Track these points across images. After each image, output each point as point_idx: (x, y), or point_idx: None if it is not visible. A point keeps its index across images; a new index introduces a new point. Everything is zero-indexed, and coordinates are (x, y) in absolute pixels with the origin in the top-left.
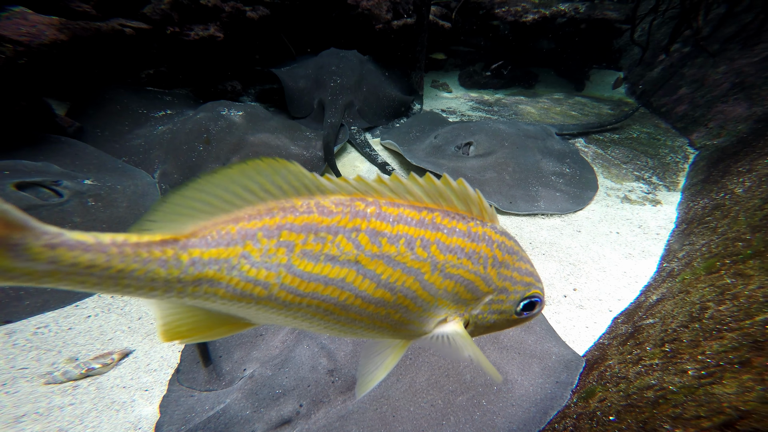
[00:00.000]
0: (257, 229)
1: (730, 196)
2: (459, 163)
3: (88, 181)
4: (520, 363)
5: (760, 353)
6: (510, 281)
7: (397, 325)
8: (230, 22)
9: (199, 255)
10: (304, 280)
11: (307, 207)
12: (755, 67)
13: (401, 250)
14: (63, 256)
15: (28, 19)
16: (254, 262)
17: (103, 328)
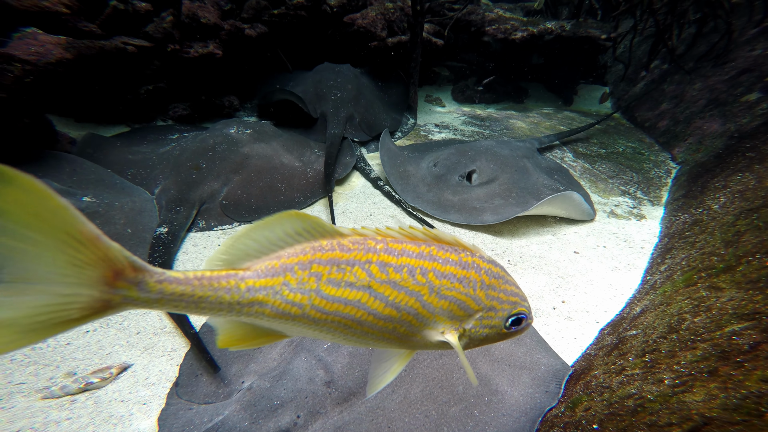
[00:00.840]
0: (294, 263)
1: (707, 212)
2: (465, 195)
3: (86, 198)
4: (510, 374)
5: (726, 363)
6: (497, 300)
7: (403, 337)
8: (229, 39)
9: (252, 284)
10: (329, 302)
11: (330, 246)
12: (726, 84)
13: (404, 276)
14: (166, 288)
15: (38, 39)
16: (292, 288)
17: (102, 342)
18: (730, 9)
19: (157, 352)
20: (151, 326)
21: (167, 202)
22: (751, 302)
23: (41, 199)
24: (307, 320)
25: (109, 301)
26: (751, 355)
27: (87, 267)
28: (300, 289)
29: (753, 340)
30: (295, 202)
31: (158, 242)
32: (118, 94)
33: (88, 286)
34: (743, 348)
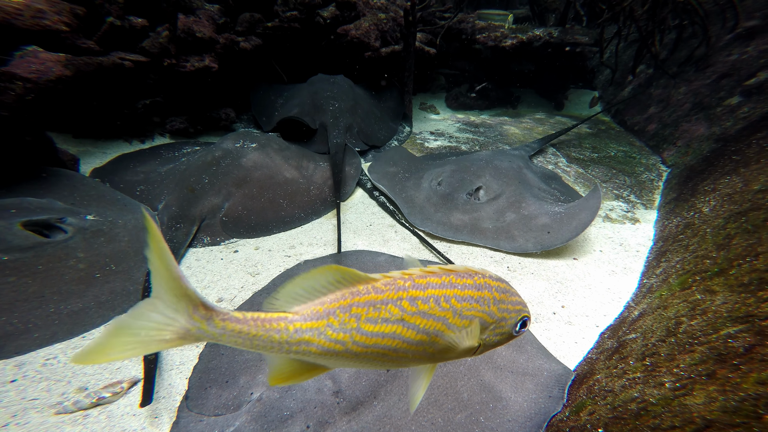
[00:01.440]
0: (336, 307)
1: (698, 215)
2: (476, 214)
3: (90, 217)
4: (514, 381)
5: (723, 365)
6: (506, 312)
7: (432, 355)
8: (224, 52)
9: (299, 326)
10: (368, 337)
11: (366, 290)
12: (709, 88)
13: (431, 305)
14: (228, 325)
15: (38, 57)
16: (335, 329)
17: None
18: (705, 15)
19: (165, 366)
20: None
21: (168, 218)
22: (744, 305)
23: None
24: (349, 354)
25: (188, 330)
26: (746, 357)
27: (181, 298)
28: (342, 329)
29: (748, 342)
30: (295, 218)
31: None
32: (115, 109)
33: (180, 314)
34: (739, 351)
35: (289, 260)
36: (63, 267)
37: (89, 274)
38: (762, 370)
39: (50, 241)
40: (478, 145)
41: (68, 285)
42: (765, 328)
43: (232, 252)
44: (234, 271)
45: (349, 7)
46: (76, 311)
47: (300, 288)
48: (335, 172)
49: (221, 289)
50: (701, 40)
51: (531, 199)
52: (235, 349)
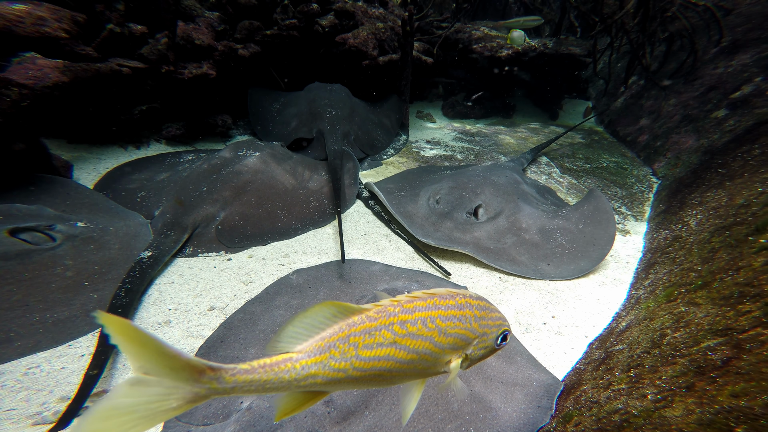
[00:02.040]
0: (336, 339)
1: (686, 228)
2: (476, 233)
3: (80, 224)
4: (503, 391)
5: (702, 378)
6: (487, 327)
7: (421, 372)
8: (222, 59)
9: (305, 363)
10: (366, 362)
11: (360, 320)
12: (697, 100)
13: (419, 327)
14: (238, 378)
15: (36, 63)
16: (337, 359)
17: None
18: (692, 29)
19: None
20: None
21: (162, 225)
22: (724, 318)
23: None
24: (350, 379)
25: (197, 393)
26: (723, 370)
27: (180, 370)
28: (343, 359)
29: (725, 355)
30: (291, 229)
31: (136, 267)
32: (111, 115)
33: (183, 382)
34: (717, 363)
35: (282, 269)
36: (50, 275)
37: (77, 281)
38: (736, 383)
39: (37, 248)
40: (473, 155)
41: (55, 293)
42: (742, 342)
43: (225, 260)
44: (227, 279)
45: (347, 16)
46: (63, 320)
47: (299, 327)
48: (334, 179)
49: (213, 297)
50: (689, 52)
51: (531, 220)
52: (226, 357)
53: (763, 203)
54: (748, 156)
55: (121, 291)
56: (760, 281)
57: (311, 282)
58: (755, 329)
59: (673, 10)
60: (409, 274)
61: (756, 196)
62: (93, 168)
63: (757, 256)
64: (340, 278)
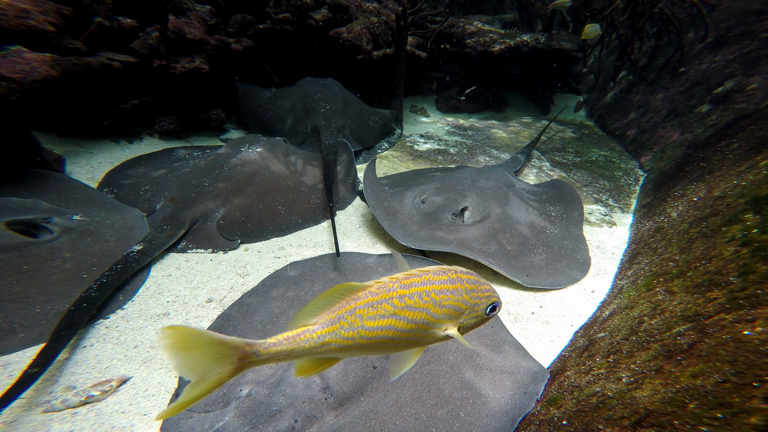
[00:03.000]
0: (344, 312)
1: (668, 220)
2: (461, 235)
3: (77, 217)
4: (492, 379)
5: (670, 361)
6: (478, 299)
7: (420, 340)
8: (215, 54)
9: (320, 333)
10: (370, 331)
11: (363, 294)
12: (683, 95)
13: (416, 300)
14: (270, 350)
15: (23, 57)
16: (345, 329)
17: (100, 357)
18: (679, 25)
19: (155, 365)
20: (149, 340)
21: (161, 219)
22: (695, 305)
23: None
24: (357, 346)
25: (240, 366)
26: (688, 353)
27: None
28: (351, 328)
29: (691, 339)
30: (292, 224)
31: (121, 260)
32: (102, 109)
33: (231, 356)
34: (683, 347)
35: (278, 261)
36: (49, 267)
37: (76, 274)
38: (696, 365)
39: (35, 241)
40: (466, 149)
41: (54, 285)
42: (706, 326)
43: (221, 253)
44: (223, 272)
45: (341, 10)
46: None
47: (314, 307)
48: (326, 174)
49: (210, 290)
50: (676, 48)
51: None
52: None
53: (737, 195)
54: (726, 150)
55: (94, 284)
56: (728, 269)
57: (307, 274)
58: (719, 314)
59: (660, 6)
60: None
61: (731, 189)
62: (85, 162)
63: (727, 246)
64: (336, 270)
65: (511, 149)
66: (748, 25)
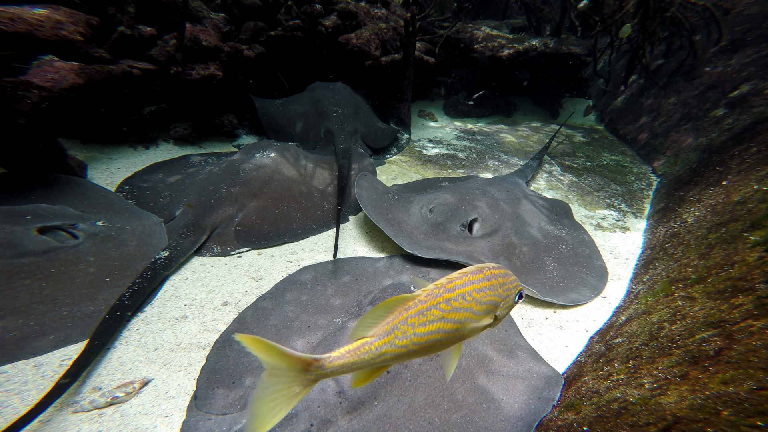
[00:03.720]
0: (398, 323)
1: (684, 225)
2: (469, 247)
3: (100, 223)
4: (505, 384)
5: (695, 367)
6: (509, 290)
7: (463, 336)
8: (229, 60)
9: (378, 344)
10: (422, 336)
11: (413, 304)
12: (696, 99)
13: (460, 301)
14: (334, 363)
15: (54, 66)
16: (399, 338)
17: (122, 359)
18: (691, 29)
19: (174, 367)
20: (167, 342)
21: (183, 225)
22: (718, 311)
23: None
24: (410, 352)
25: (309, 380)
26: (715, 359)
27: (296, 364)
28: (404, 336)
29: (718, 346)
30: (307, 230)
31: (150, 267)
32: (122, 116)
33: (299, 373)
34: (710, 353)
35: (291, 265)
36: (75, 271)
37: (99, 277)
38: (726, 371)
39: (63, 245)
40: (475, 153)
41: (80, 288)
42: (733, 333)
43: (236, 257)
44: (238, 275)
45: (350, 17)
46: (88, 314)
47: (370, 318)
48: (340, 177)
49: (226, 294)
50: (688, 51)
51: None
52: (240, 351)
53: (758, 200)
54: (745, 154)
55: (127, 293)
56: (752, 276)
57: (319, 279)
58: (746, 321)
59: (672, 10)
60: (413, 267)
61: (752, 194)
62: (105, 168)
63: (750, 252)
64: (347, 274)
65: (520, 154)
66: (765, 29)
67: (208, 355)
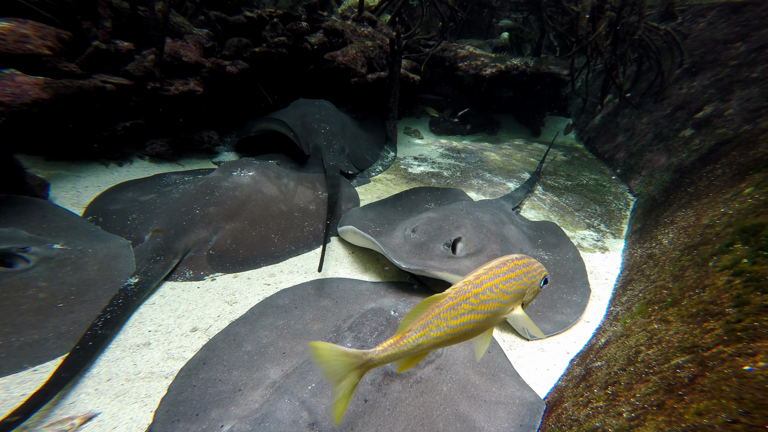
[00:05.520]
0: (431, 318)
1: (659, 247)
2: (454, 266)
3: (57, 246)
4: (487, 411)
5: (671, 396)
6: (534, 277)
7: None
8: (210, 76)
9: (415, 337)
10: (454, 328)
11: (445, 301)
12: (666, 119)
13: (488, 294)
14: (380, 355)
15: (15, 80)
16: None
17: (64, 391)
18: (657, 51)
19: (129, 399)
20: (124, 372)
21: (152, 249)
22: (692, 335)
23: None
24: (444, 342)
25: (361, 370)
26: (689, 388)
27: (351, 359)
28: (438, 329)
29: (692, 373)
30: (286, 252)
31: (120, 295)
32: (93, 131)
33: (354, 366)
34: (684, 381)
35: (268, 288)
36: (20, 297)
37: (51, 303)
38: (700, 401)
39: (7, 270)
40: (460, 172)
41: (24, 316)
42: (706, 359)
43: (209, 280)
44: (211, 299)
45: (336, 35)
46: (30, 343)
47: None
48: (331, 194)
49: (196, 318)
50: (657, 73)
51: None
52: (207, 380)
53: (725, 224)
54: (711, 176)
55: (99, 321)
56: (722, 299)
57: (297, 302)
58: (717, 347)
59: (639, 33)
60: (396, 291)
61: (719, 217)
62: (71, 186)
63: (720, 275)
64: (328, 297)
65: (503, 172)
66: (717, 53)
67: (170, 385)
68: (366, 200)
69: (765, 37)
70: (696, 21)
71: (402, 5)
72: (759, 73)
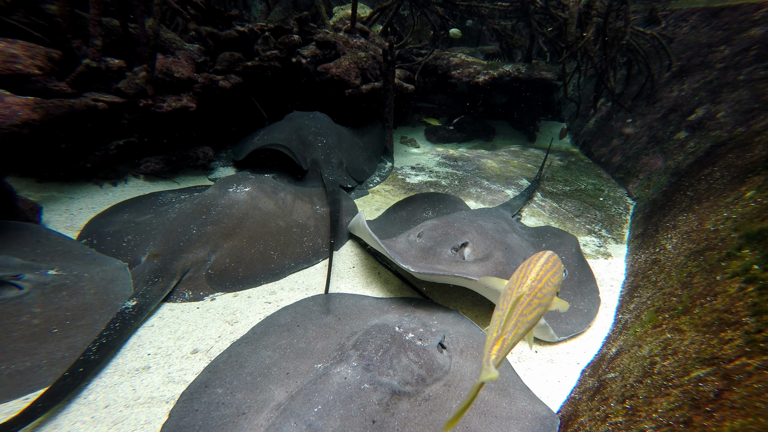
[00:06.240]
0: (518, 317)
1: (663, 252)
2: (463, 269)
3: (51, 272)
4: (498, 427)
5: (698, 412)
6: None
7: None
8: (203, 91)
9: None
10: (530, 320)
11: (523, 299)
12: (660, 122)
13: (547, 288)
14: (495, 363)
15: (4, 100)
16: (520, 327)
17: (58, 420)
18: (645, 55)
19: (128, 426)
20: (123, 398)
21: (149, 271)
22: (709, 346)
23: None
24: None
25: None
26: (717, 404)
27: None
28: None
29: (716, 387)
30: (285, 268)
31: (117, 318)
32: (86, 151)
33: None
34: (710, 396)
35: (269, 307)
36: (12, 324)
37: (45, 329)
38: (734, 419)
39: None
40: (457, 180)
41: (16, 343)
42: (730, 372)
43: (209, 300)
44: (211, 320)
45: (329, 46)
46: (22, 371)
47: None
48: (333, 210)
49: (196, 340)
50: (647, 77)
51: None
52: (210, 404)
53: (730, 229)
54: (710, 179)
55: (93, 347)
56: (737, 308)
57: (299, 320)
58: (740, 359)
59: (627, 39)
60: (399, 305)
61: (723, 221)
62: (65, 209)
63: (731, 282)
64: (330, 314)
65: (501, 179)
66: (704, 56)
67: (171, 410)
68: (365, 213)
69: (746, 41)
70: (679, 25)
71: (393, 15)
72: (746, 75)
